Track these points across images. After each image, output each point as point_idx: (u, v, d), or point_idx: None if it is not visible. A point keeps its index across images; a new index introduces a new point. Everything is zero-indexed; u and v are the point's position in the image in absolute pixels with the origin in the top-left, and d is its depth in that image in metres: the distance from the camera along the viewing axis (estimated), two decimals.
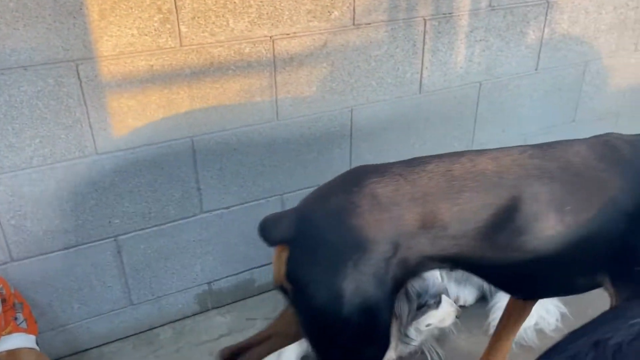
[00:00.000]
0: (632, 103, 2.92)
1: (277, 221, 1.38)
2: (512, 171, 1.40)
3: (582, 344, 1.13)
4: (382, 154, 2.37)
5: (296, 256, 1.33)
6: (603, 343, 1.11)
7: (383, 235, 1.29)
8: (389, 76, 2.21)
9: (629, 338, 1.11)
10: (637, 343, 1.11)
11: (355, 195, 1.33)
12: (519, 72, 2.50)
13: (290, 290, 1.35)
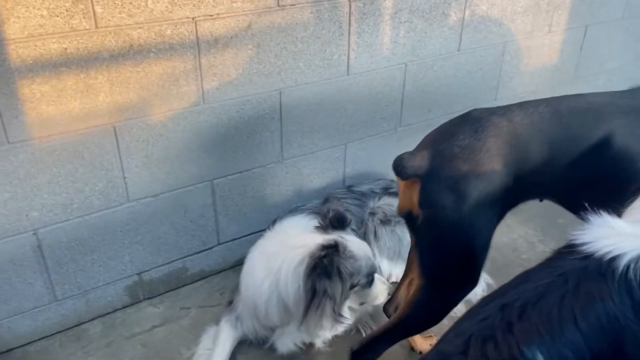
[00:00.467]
0: (546, 82, 3.08)
1: (411, 159, 1.59)
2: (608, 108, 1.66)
3: (491, 307, 1.20)
4: (313, 136, 2.38)
5: (430, 187, 1.57)
6: (510, 305, 1.18)
7: (505, 169, 1.53)
8: (316, 58, 2.21)
9: (534, 300, 1.18)
10: (540, 303, 1.18)
11: (480, 133, 1.56)
12: (443, 53, 2.57)
13: (421, 216, 1.57)
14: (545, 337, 1.13)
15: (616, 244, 1.28)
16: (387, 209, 2.34)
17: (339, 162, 2.53)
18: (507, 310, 1.19)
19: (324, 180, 2.51)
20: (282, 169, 2.35)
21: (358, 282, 1.89)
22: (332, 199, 2.32)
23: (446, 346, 1.17)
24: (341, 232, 1.95)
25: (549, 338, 1.14)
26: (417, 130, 2.70)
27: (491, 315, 1.18)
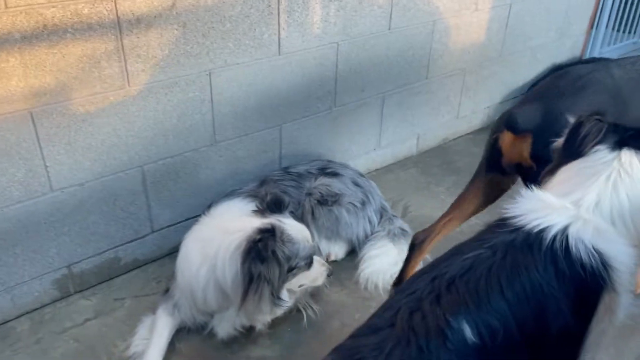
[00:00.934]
0: (475, 59, 3.16)
1: (523, 115, 1.77)
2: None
3: (422, 281, 1.23)
4: (247, 118, 2.34)
5: (542, 140, 1.70)
6: (439, 278, 1.22)
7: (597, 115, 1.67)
8: (246, 37, 2.16)
9: (462, 272, 1.22)
10: (468, 275, 1.22)
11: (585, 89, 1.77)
12: (374, 31, 2.58)
13: (534, 167, 1.73)
14: (471, 307, 1.17)
15: (544, 217, 1.33)
16: (324, 189, 2.35)
17: (275, 143, 2.50)
18: (436, 282, 1.22)
19: (260, 163, 2.48)
20: (215, 152, 2.30)
21: (296, 265, 1.89)
22: (269, 182, 2.30)
23: (376, 320, 1.20)
24: (279, 216, 1.94)
25: (475, 308, 1.18)
26: (352, 109, 2.72)
27: (420, 288, 1.22)
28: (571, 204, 1.34)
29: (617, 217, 1.31)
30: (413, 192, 2.91)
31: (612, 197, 1.31)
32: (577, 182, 1.36)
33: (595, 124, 1.41)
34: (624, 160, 1.33)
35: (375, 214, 2.49)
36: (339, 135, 2.74)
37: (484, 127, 3.55)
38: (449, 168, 3.14)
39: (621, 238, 1.32)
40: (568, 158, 1.44)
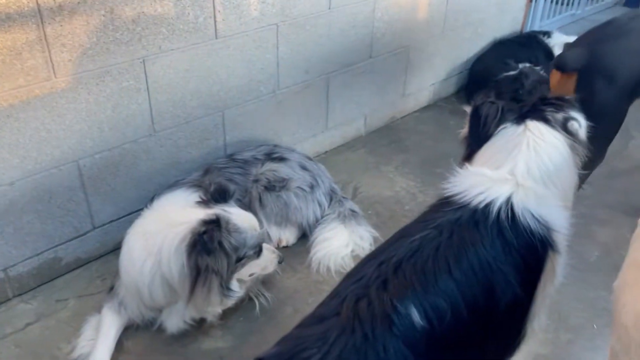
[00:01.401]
0: (418, 36, 3.17)
1: (572, 56, 2.18)
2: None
3: (369, 266, 1.22)
4: (186, 105, 2.26)
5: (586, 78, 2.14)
6: (386, 262, 1.21)
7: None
8: (179, 22, 2.08)
9: (409, 254, 1.22)
10: (415, 257, 1.22)
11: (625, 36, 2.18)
12: (313, 12, 2.53)
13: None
14: (419, 290, 1.16)
15: (487, 190, 1.36)
16: (271, 175, 2.31)
17: (218, 130, 2.44)
18: (383, 267, 1.21)
19: (203, 151, 2.41)
20: (155, 142, 2.23)
21: (245, 255, 1.86)
22: (213, 170, 2.25)
23: (323, 309, 1.18)
24: (224, 205, 1.89)
25: (422, 290, 1.17)
26: (296, 92, 2.68)
27: (367, 274, 1.20)
28: (508, 173, 1.38)
29: (546, 180, 1.37)
30: (362, 172, 2.91)
31: (537, 162, 1.37)
32: (503, 156, 1.40)
33: (490, 106, 1.46)
34: (532, 128, 1.42)
35: (325, 196, 2.48)
36: (285, 118, 2.70)
37: (431, 104, 3.58)
38: (398, 147, 3.15)
39: (556, 200, 1.38)
40: (478, 143, 1.48)
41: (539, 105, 1.47)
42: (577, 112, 1.43)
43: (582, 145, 1.45)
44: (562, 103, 1.42)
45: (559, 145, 1.40)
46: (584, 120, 1.44)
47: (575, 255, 2.36)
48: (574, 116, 1.41)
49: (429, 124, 3.39)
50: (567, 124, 1.40)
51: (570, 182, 1.45)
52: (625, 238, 2.43)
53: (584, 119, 1.44)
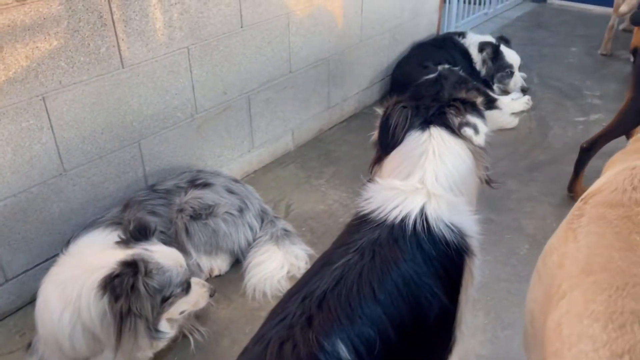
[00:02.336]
0: (337, 47, 3.17)
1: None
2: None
3: (292, 302, 1.16)
4: (98, 139, 2.14)
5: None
6: (310, 296, 1.16)
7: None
8: (79, 54, 1.97)
9: (333, 284, 1.18)
10: (339, 287, 1.18)
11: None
12: (225, 31, 2.47)
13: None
14: (345, 323, 1.11)
15: (401, 204, 1.34)
16: (196, 202, 2.23)
17: (136, 161, 2.33)
18: (307, 302, 1.16)
19: (122, 185, 2.30)
20: (67, 182, 2.10)
21: (172, 294, 1.77)
22: (134, 204, 2.14)
23: (246, 357, 1.12)
24: (145, 243, 1.80)
25: (348, 322, 1.12)
26: (216, 114, 2.61)
27: (290, 312, 1.15)
28: (418, 182, 1.37)
29: (453, 186, 1.38)
30: (294, 189, 2.87)
31: (444, 169, 1.37)
32: (411, 164, 1.40)
33: (400, 111, 1.46)
34: (436, 136, 1.42)
35: (256, 218, 2.41)
36: (207, 142, 2.62)
37: (357, 113, 3.59)
38: (327, 159, 3.13)
39: (464, 206, 1.38)
40: (388, 148, 1.48)
41: (443, 109, 1.47)
42: (477, 117, 1.44)
43: (483, 150, 1.46)
44: (463, 107, 1.43)
45: (460, 151, 1.41)
46: (484, 125, 1.45)
47: (507, 250, 2.42)
48: (470, 122, 1.41)
49: (357, 133, 3.40)
50: (461, 129, 1.41)
51: (473, 187, 1.46)
52: (552, 228, 2.52)
53: (484, 123, 1.45)
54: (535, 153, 3.12)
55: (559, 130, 3.33)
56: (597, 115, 3.48)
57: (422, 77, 3.38)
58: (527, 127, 3.39)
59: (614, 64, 4.23)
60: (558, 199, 2.71)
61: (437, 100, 3.25)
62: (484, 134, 1.43)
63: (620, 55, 4.36)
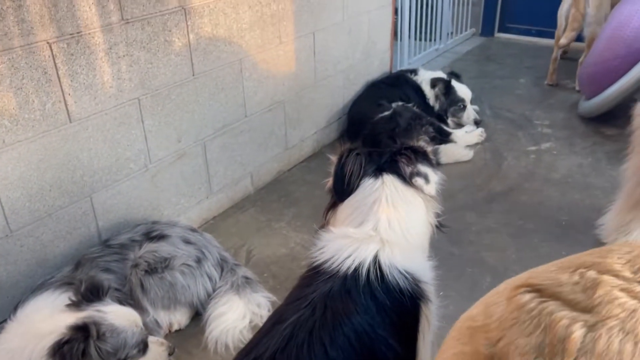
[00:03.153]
0: (291, 90, 3.19)
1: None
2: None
3: None
4: (45, 196, 2.08)
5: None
6: (259, 358, 1.12)
7: None
8: (24, 112, 1.92)
9: (283, 344, 1.15)
10: (290, 346, 1.15)
11: None
12: (177, 80, 2.46)
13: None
14: None
15: (354, 252, 1.33)
16: (151, 256, 2.16)
17: (88, 216, 2.26)
18: None
19: (73, 242, 2.22)
20: (14, 243, 2.01)
21: (127, 356, 1.70)
22: (86, 262, 2.07)
23: None
24: (99, 304, 1.74)
25: None
26: (171, 162, 2.57)
27: None
28: (372, 230, 1.37)
29: (406, 233, 1.38)
30: (255, 233, 2.83)
31: (397, 216, 1.38)
32: (364, 211, 1.40)
33: (355, 159, 1.48)
34: (388, 183, 1.44)
35: (215, 268, 2.36)
36: (163, 191, 2.57)
37: (316, 152, 3.61)
38: (288, 200, 3.12)
39: (417, 252, 1.39)
40: (342, 195, 1.48)
41: (395, 157, 1.49)
42: (428, 166, 1.46)
43: (433, 199, 1.48)
44: (414, 156, 1.45)
45: (411, 199, 1.42)
46: (435, 174, 1.47)
47: (469, 284, 2.43)
48: (420, 171, 1.43)
49: (316, 172, 3.40)
50: (412, 179, 1.43)
51: (425, 233, 1.47)
52: (512, 259, 2.55)
53: (434, 173, 1.47)
54: (491, 184, 3.18)
55: (513, 160, 3.42)
56: (547, 144, 3.59)
57: (377, 115, 3.43)
58: (482, 159, 3.46)
59: (560, 93, 4.40)
60: (516, 230, 2.75)
61: (392, 138, 3.32)
62: (434, 183, 1.45)
63: (566, 85, 4.55)
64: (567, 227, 2.75)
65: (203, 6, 2.47)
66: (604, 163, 3.29)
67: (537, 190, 3.08)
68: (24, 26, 1.85)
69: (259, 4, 2.76)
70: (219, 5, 2.55)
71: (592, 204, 2.89)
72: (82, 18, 2.01)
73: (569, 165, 3.31)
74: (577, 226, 2.74)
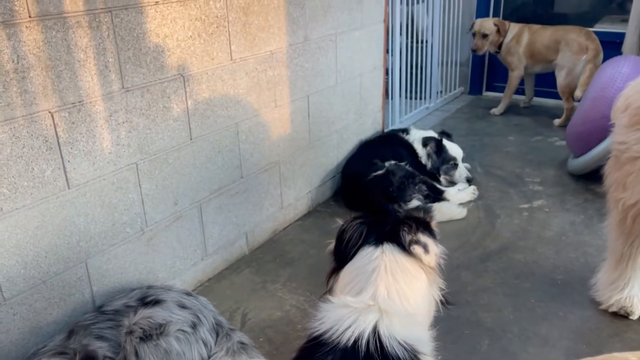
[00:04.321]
0: (286, 151, 3.25)
1: None
2: None
3: None
4: (40, 263, 2.06)
5: None
6: None
7: None
8: (23, 179, 1.94)
9: None
10: None
11: None
12: (174, 145, 2.51)
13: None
14: None
15: (353, 323, 1.33)
16: (146, 322, 2.13)
17: (83, 282, 2.24)
18: None
19: (67, 309, 2.19)
20: (6, 311, 1.98)
21: None
22: (79, 329, 2.03)
23: None
24: None
25: None
26: (167, 225, 2.58)
27: None
28: (370, 299, 1.38)
29: (405, 303, 1.39)
30: (250, 295, 2.80)
31: (395, 286, 1.39)
32: (364, 280, 1.42)
33: (356, 228, 1.51)
34: (388, 252, 1.46)
35: (210, 333, 2.32)
36: (158, 254, 2.57)
37: (311, 211, 3.63)
38: (283, 260, 3.11)
39: (417, 322, 1.39)
40: (342, 261, 1.51)
41: (397, 226, 1.52)
42: (429, 237, 1.48)
43: (435, 272, 1.49)
44: (415, 225, 1.47)
45: (412, 270, 1.44)
46: (435, 246, 1.49)
47: (468, 347, 2.40)
48: (420, 240, 1.46)
49: (311, 231, 3.41)
50: (411, 247, 1.45)
51: (427, 306, 1.48)
52: (509, 319, 2.54)
53: (435, 245, 1.49)
54: (486, 242, 3.20)
55: (506, 218, 3.45)
56: (539, 201, 3.64)
57: (370, 173, 3.48)
58: (475, 217, 3.50)
59: (549, 151, 4.50)
60: (512, 289, 2.75)
61: (386, 196, 3.34)
62: (434, 255, 1.47)
63: (554, 142, 4.66)
64: (563, 286, 2.75)
65: (201, 73, 2.55)
66: (595, 220, 3.33)
67: (532, 248, 3.09)
68: (26, 97, 1.90)
69: (255, 70, 2.85)
70: (217, 72, 2.63)
71: (587, 262, 2.91)
72: (84, 88, 2.07)
73: (561, 223, 3.35)
74: (573, 285, 2.74)
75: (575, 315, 2.54)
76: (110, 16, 2.11)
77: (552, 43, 4.87)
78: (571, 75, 4.78)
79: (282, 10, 2.94)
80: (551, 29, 4.95)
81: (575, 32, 4.78)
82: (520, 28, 5.04)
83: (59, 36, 1.96)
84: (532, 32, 5.00)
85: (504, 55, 5.13)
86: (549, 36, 4.89)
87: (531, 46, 4.99)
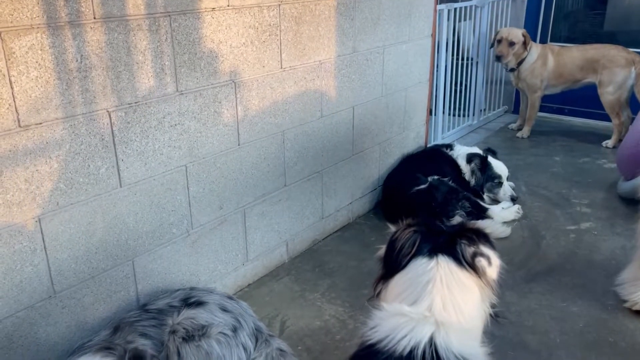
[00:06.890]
0: (329, 161, 3.25)
1: None
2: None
3: None
4: (91, 259, 2.11)
5: None
6: None
7: None
8: (79, 175, 1.99)
9: None
10: None
11: None
12: (223, 149, 2.54)
13: None
14: None
15: (409, 333, 1.30)
16: (189, 323, 2.14)
17: (129, 280, 2.28)
18: None
19: (112, 305, 2.23)
20: (56, 304, 2.03)
21: None
22: (124, 326, 2.06)
23: None
24: None
25: None
26: (211, 229, 2.60)
27: None
28: (426, 310, 1.34)
29: (460, 316, 1.34)
30: (289, 303, 2.79)
31: (451, 298, 1.35)
32: (418, 290, 1.38)
33: (409, 236, 1.47)
34: (443, 265, 1.42)
35: (250, 338, 2.31)
36: (202, 257, 2.59)
37: (350, 223, 3.61)
38: (322, 271, 3.09)
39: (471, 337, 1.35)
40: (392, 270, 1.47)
41: (455, 237, 1.48)
42: (490, 248, 1.44)
43: (491, 283, 1.45)
44: (477, 237, 1.44)
45: (466, 283, 1.40)
46: (497, 258, 1.45)
47: None
48: (484, 252, 1.42)
49: (351, 243, 3.39)
50: (475, 259, 1.41)
51: (479, 321, 1.44)
52: (555, 343, 2.45)
53: (496, 256, 1.45)
54: (530, 263, 3.11)
55: (552, 239, 3.35)
56: (587, 223, 3.52)
57: (413, 187, 3.44)
58: (520, 237, 3.41)
59: (597, 173, 4.37)
60: (559, 312, 2.65)
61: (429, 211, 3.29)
62: (496, 267, 1.43)
63: (602, 164, 4.52)
64: (613, 311, 2.64)
65: (252, 80, 2.58)
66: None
67: (580, 271, 2.99)
68: (87, 95, 1.96)
69: (303, 79, 2.87)
70: (267, 80, 2.66)
71: None
72: (140, 89, 2.12)
73: (611, 247, 3.23)
74: (624, 311, 2.64)
75: (627, 342, 2.44)
76: (169, 20, 2.17)
77: (586, 63, 4.77)
78: (621, 89, 4.67)
79: (332, 21, 2.97)
80: (578, 48, 4.86)
81: (615, 48, 4.71)
82: (542, 48, 4.94)
83: (121, 38, 2.02)
84: (556, 54, 4.89)
85: (526, 76, 4.94)
86: (581, 56, 4.79)
87: (561, 67, 4.87)
